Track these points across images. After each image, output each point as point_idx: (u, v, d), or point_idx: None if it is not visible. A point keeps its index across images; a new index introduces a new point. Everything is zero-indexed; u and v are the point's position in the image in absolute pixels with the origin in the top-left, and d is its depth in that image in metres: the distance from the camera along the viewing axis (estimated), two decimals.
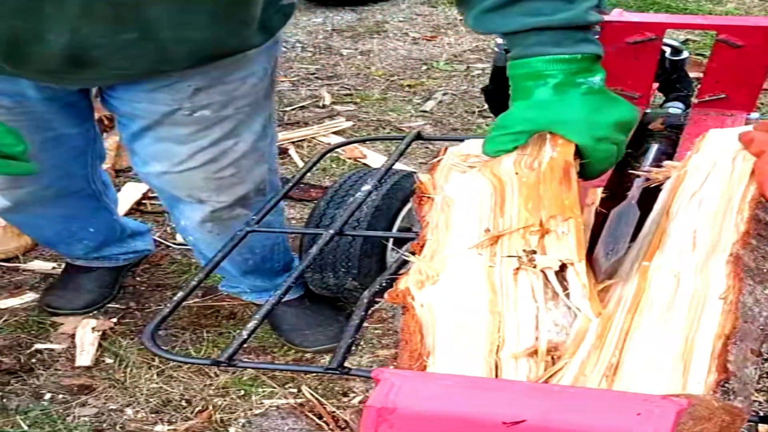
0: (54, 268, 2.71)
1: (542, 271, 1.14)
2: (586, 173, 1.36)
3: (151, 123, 1.93)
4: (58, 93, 1.92)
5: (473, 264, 1.16)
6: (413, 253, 1.28)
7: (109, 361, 2.31)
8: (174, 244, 2.80)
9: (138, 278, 2.65)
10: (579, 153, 1.33)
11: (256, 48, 1.83)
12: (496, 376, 1.09)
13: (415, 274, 1.22)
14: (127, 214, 2.87)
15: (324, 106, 3.78)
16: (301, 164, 3.27)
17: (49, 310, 2.52)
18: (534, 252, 1.15)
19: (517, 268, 1.13)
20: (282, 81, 4.05)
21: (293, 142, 3.44)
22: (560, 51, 1.29)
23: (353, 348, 2.18)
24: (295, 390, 2.17)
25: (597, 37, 1.47)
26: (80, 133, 2.10)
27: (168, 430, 2.08)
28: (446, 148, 1.47)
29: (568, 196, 1.25)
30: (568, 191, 1.26)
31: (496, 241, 1.18)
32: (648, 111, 2.29)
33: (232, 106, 1.92)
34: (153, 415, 2.12)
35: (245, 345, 1.51)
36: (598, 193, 1.42)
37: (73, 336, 2.39)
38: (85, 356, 2.31)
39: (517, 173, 1.28)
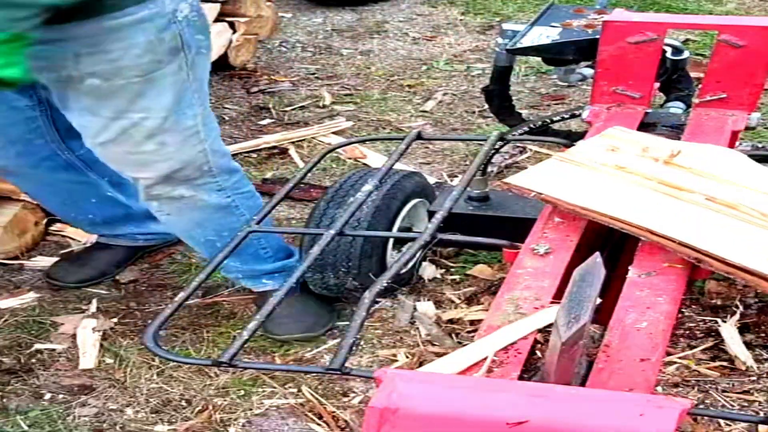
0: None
1: None
2: None
3: (57, 91, 2.03)
4: None
5: None
6: None
7: (109, 361, 2.31)
8: None
9: (138, 278, 2.64)
10: None
11: (129, 15, 1.91)
12: None
13: None
14: None
15: (324, 106, 3.78)
16: (301, 164, 3.26)
17: (48, 279, 2.62)
18: None
19: None
20: (282, 81, 4.05)
21: (293, 142, 3.44)
22: None
23: (353, 348, 2.18)
24: (295, 390, 2.17)
25: None
26: (18, 101, 2.18)
27: (168, 430, 2.07)
28: None
29: None
30: None
31: None
32: (650, 111, 2.29)
33: (120, 76, 1.97)
34: (153, 415, 2.12)
35: (245, 345, 1.51)
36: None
37: (73, 336, 2.39)
38: (87, 358, 2.31)
39: None
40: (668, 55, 2.40)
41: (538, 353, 1.40)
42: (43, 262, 2.72)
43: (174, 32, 1.98)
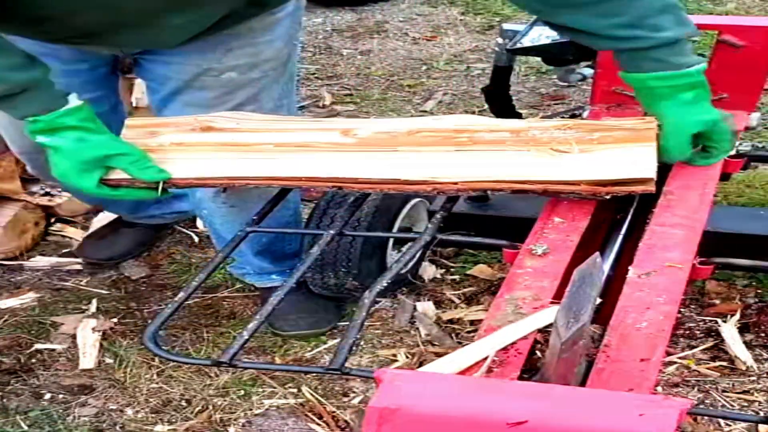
0: (54, 266, 2.71)
1: None
2: None
3: (182, 85, 2.00)
4: (86, 56, 2.02)
5: None
6: None
7: (109, 361, 2.31)
8: (193, 232, 2.84)
9: (138, 278, 2.65)
10: None
11: (282, 10, 1.94)
12: None
13: None
14: None
15: (324, 106, 3.78)
16: None
17: (78, 256, 2.73)
18: None
19: None
20: None
21: None
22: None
23: (353, 348, 2.18)
24: (295, 390, 2.17)
25: None
26: (102, 97, 2.14)
27: (168, 430, 2.07)
28: None
29: None
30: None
31: None
32: None
33: (258, 69, 1.99)
34: (153, 415, 2.12)
35: (245, 345, 1.51)
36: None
37: (73, 336, 2.39)
38: (87, 358, 2.31)
39: None
40: None
41: (538, 353, 1.39)
42: (43, 262, 2.73)
43: (299, 20, 2.04)
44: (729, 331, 2.23)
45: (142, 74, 2.12)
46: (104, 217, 2.86)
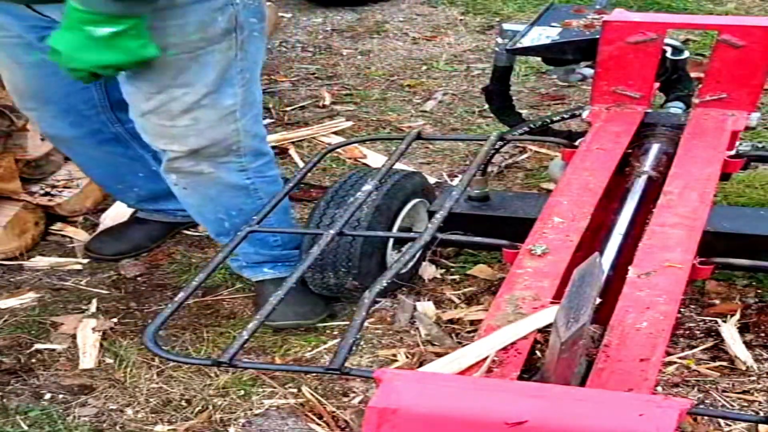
0: (54, 266, 2.70)
1: None
2: None
3: None
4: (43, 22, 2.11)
5: None
6: None
7: (109, 361, 2.31)
8: (193, 232, 2.85)
9: (138, 278, 2.65)
10: None
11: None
12: None
13: None
14: None
15: (324, 106, 3.78)
16: (301, 164, 3.26)
17: (87, 252, 2.75)
18: None
19: None
20: (282, 81, 4.05)
21: (293, 142, 3.44)
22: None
23: (353, 348, 2.18)
24: (295, 390, 2.17)
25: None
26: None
27: (168, 430, 2.07)
28: None
29: None
30: None
31: None
32: (649, 111, 2.29)
33: (169, 51, 2.03)
34: (153, 415, 2.12)
35: (245, 345, 1.51)
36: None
37: (73, 336, 2.39)
38: (87, 358, 2.31)
39: None
40: (668, 55, 2.40)
41: (538, 353, 1.40)
42: (43, 262, 2.73)
43: (230, 14, 2.05)
44: (729, 331, 2.23)
45: None
46: (115, 214, 2.88)
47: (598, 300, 1.42)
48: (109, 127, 2.49)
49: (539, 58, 2.87)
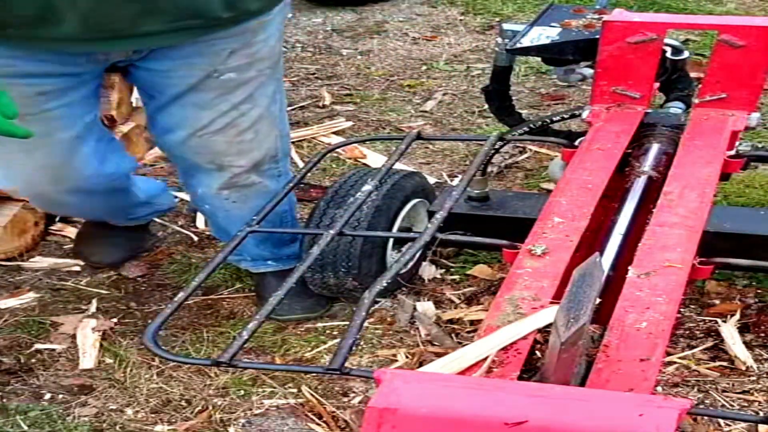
0: (54, 266, 2.70)
1: None
2: None
3: (185, 89, 2.04)
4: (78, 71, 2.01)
5: None
6: None
7: (109, 361, 2.31)
8: (193, 232, 2.84)
9: (138, 278, 2.65)
10: None
11: (275, 13, 2.01)
12: None
13: None
14: None
15: (324, 106, 3.78)
16: (301, 164, 3.26)
17: (90, 263, 2.67)
18: None
19: None
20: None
21: (293, 142, 3.43)
22: None
23: (353, 348, 2.18)
24: (295, 390, 2.17)
25: None
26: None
27: (168, 430, 2.07)
28: None
29: None
30: None
31: None
32: (649, 111, 2.29)
33: (254, 68, 2.04)
34: (153, 415, 2.12)
35: (245, 345, 1.51)
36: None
37: (73, 336, 2.39)
38: (87, 358, 2.31)
39: None
40: (668, 55, 2.40)
41: (538, 353, 1.40)
42: (43, 262, 2.73)
43: (285, 16, 2.11)
44: (729, 331, 2.23)
45: (138, 82, 2.15)
46: None
47: (598, 300, 1.42)
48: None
49: (539, 58, 2.87)
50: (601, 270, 1.31)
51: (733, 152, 2.12)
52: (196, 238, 2.82)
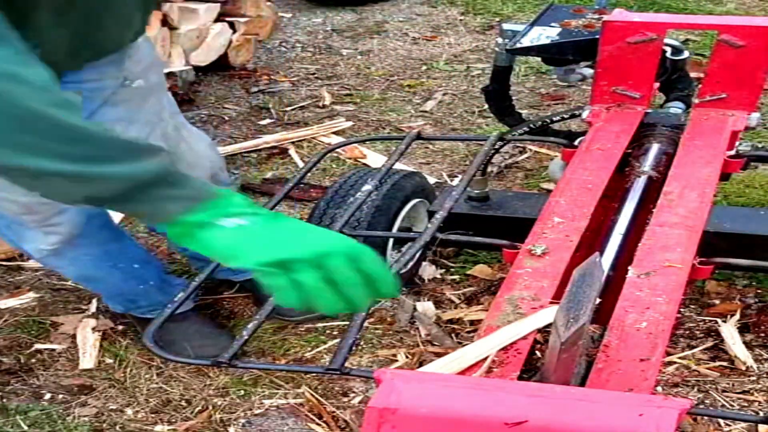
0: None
1: None
2: None
3: (100, 104, 1.90)
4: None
5: None
6: None
7: (109, 361, 2.31)
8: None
9: None
10: None
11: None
12: None
13: None
14: None
15: (324, 106, 3.78)
16: (301, 164, 3.26)
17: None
18: None
19: None
20: (282, 81, 4.05)
21: (293, 142, 3.44)
22: None
23: (353, 348, 2.19)
24: (295, 390, 2.17)
25: None
26: None
27: (168, 430, 2.07)
28: None
29: None
30: None
31: None
32: (649, 111, 2.29)
33: (153, 72, 1.98)
34: (153, 415, 2.12)
35: (245, 345, 1.51)
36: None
37: (73, 336, 2.39)
38: (87, 358, 2.31)
39: None
40: (668, 55, 2.40)
41: (538, 353, 1.40)
42: None
43: None
44: (729, 331, 2.23)
45: None
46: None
47: (598, 300, 1.42)
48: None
49: (539, 58, 2.87)
50: (601, 270, 1.30)
51: (733, 152, 2.12)
52: None
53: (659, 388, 2.08)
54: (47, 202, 1.92)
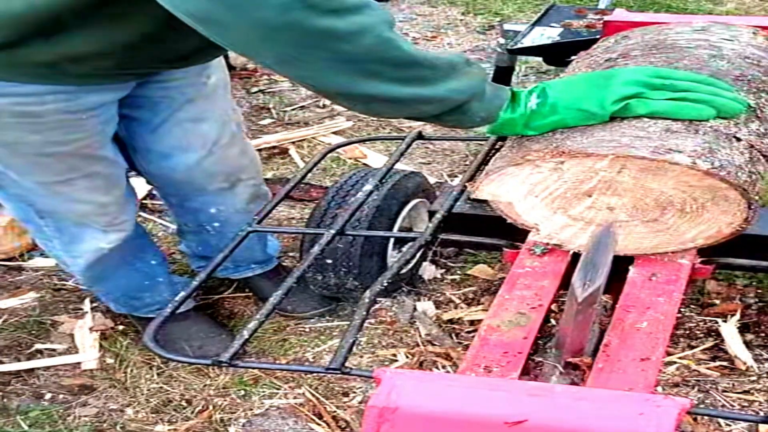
0: (54, 266, 2.70)
1: None
2: None
3: (182, 103, 1.95)
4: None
5: None
6: None
7: (109, 361, 2.31)
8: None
9: None
10: None
11: None
12: None
13: None
14: None
15: (324, 106, 3.78)
16: (301, 164, 3.26)
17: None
18: None
19: None
20: (282, 81, 4.05)
21: (293, 142, 3.44)
22: None
23: (353, 348, 2.18)
24: (295, 390, 2.17)
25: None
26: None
27: (168, 430, 2.08)
28: None
29: None
30: None
31: None
32: None
33: (218, 67, 2.01)
34: (153, 415, 2.12)
35: (245, 345, 1.51)
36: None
37: (73, 336, 2.39)
38: (87, 358, 2.31)
39: None
40: None
41: (553, 321, 1.40)
42: (43, 262, 2.73)
43: None
44: (729, 331, 2.23)
45: (133, 105, 1.95)
46: None
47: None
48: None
49: (540, 58, 2.87)
50: (614, 235, 1.33)
51: None
52: None
53: (659, 388, 2.08)
54: (119, 201, 1.99)
